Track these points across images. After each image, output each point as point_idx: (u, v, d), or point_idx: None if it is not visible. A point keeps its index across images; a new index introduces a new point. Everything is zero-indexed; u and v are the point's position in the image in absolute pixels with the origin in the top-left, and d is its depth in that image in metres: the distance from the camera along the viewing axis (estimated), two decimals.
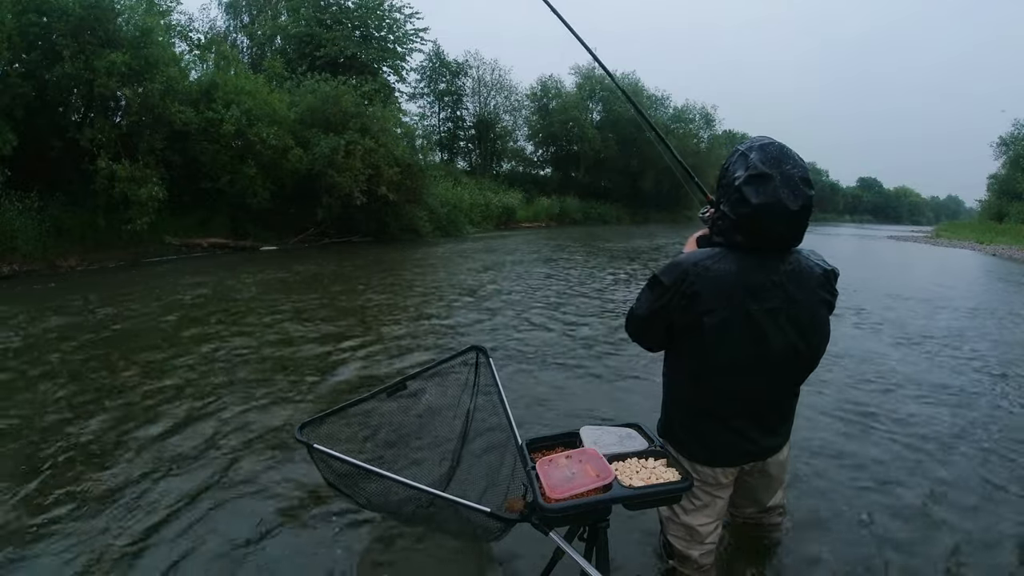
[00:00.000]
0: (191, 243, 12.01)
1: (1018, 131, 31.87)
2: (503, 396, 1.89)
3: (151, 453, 2.78)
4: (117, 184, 10.02)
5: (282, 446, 2.86)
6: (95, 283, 7.99)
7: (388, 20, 22.14)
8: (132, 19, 10.65)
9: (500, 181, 27.64)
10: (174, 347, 4.67)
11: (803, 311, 1.51)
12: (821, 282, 1.54)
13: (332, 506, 2.28)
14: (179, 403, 3.43)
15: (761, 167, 1.43)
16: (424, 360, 4.21)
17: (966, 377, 4.27)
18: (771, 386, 1.58)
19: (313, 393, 3.67)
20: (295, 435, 1.69)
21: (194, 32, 16.70)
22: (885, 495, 2.48)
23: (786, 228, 1.46)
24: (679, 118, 38.05)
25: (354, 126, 14.63)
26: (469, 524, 1.60)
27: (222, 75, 13.33)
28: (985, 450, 2.97)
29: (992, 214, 31.62)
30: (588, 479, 1.38)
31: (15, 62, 9.70)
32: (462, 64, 30.54)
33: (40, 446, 2.82)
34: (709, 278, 1.48)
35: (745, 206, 1.44)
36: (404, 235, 16.03)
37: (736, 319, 1.48)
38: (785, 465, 1.83)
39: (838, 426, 3.21)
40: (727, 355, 1.51)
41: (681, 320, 1.53)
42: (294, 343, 4.88)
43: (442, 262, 11.61)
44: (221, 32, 22.04)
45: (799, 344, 1.52)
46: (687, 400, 1.65)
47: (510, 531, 1.55)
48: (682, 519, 1.71)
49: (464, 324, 5.71)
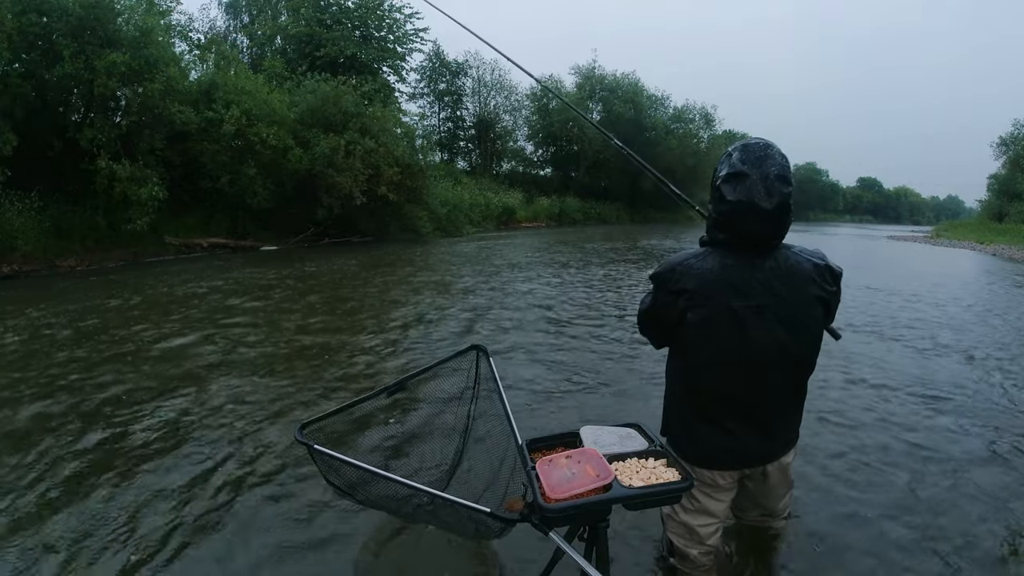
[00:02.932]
0: (191, 243, 12.01)
1: (1018, 131, 31.85)
2: (503, 396, 1.89)
3: (139, 455, 2.78)
4: (117, 184, 10.03)
5: (282, 446, 2.86)
6: (96, 283, 8.00)
7: (388, 20, 22.18)
8: (132, 19, 10.65)
9: (500, 181, 27.67)
10: (172, 347, 4.67)
11: (791, 307, 1.51)
12: (812, 278, 1.52)
13: (332, 505, 2.28)
14: (178, 404, 3.44)
15: (739, 166, 1.46)
16: (424, 360, 4.21)
17: (967, 377, 4.27)
18: (761, 385, 1.56)
19: (313, 393, 3.67)
20: (295, 436, 1.69)
21: (194, 32, 16.78)
22: (887, 496, 2.48)
23: (762, 226, 1.48)
24: (679, 118, 38.03)
25: (354, 126, 14.65)
26: (469, 523, 1.60)
27: (222, 75, 13.35)
28: (986, 450, 2.97)
29: (992, 214, 31.59)
30: (588, 479, 1.38)
31: (15, 62, 9.70)
32: (462, 64, 30.59)
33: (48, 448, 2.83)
34: (693, 275, 1.51)
35: (723, 204, 1.48)
36: (404, 235, 16.04)
37: (720, 315, 1.49)
38: (788, 471, 1.78)
39: (839, 426, 3.22)
40: (712, 352, 1.53)
41: (669, 316, 1.57)
42: (293, 343, 4.88)
43: (442, 262, 11.61)
44: (221, 32, 22.09)
45: (788, 341, 1.51)
46: (681, 399, 1.66)
47: (510, 531, 1.55)
48: (681, 518, 1.71)
49: (464, 323, 5.71)
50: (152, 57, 10.52)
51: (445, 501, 1.54)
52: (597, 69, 34.87)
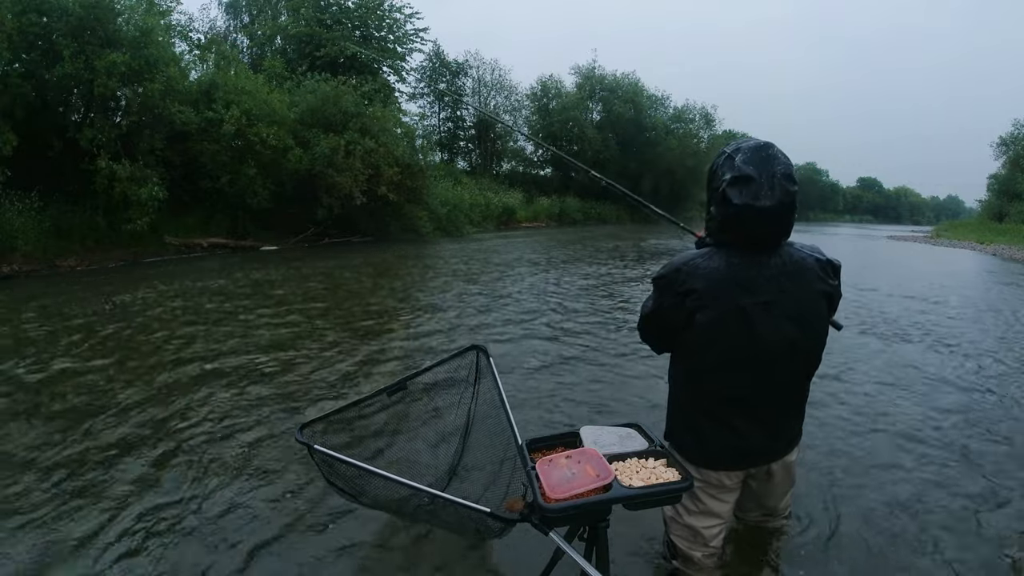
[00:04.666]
0: (191, 243, 12.01)
1: (1018, 131, 31.84)
2: (503, 396, 1.89)
3: (143, 456, 2.78)
4: (117, 184, 10.02)
5: (281, 447, 2.86)
6: (95, 283, 8.00)
7: (388, 20, 22.17)
8: (132, 19, 10.65)
9: (500, 181, 27.64)
10: (169, 347, 4.67)
11: (799, 303, 1.52)
12: (817, 273, 1.55)
13: (332, 505, 2.28)
14: (176, 403, 3.44)
15: (745, 169, 1.46)
16: (424, 360, 4.21)
17: (968, 376, 4.27)
18: (769, 383, 1.57)
19: (313, 393, 3.67)
20: (295, 436, 1.69)
21: (194, 32, 16.76)
22: (889, 496, 2.47)
23: (770, 226, 1.49)
24: (679, 118, 38.01)
25: (354, 126, 14.64)
26: (469, 523, 1.60)
27: (222, 75, 13.35)
28: (988, 450, 2.96)
29: (992, 214, 31.58)
30: (588, 479, 1.38)
31: (15, 62, 9.70)
32: (462, 64, 30.57)
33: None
34: (700, 275, 1.51)
35: (729, 206, 1.48)
36: (404, 235, 16.04)
37: (730, 314, 1.49)
38: (792, 469, 1.80)
39: (842, 426, 3.21)
40: (722, 350, 1.52)
41: (676, 319, 1.56)
42: (293, 343, 4.87)
43: (442, 262, 11.60)
44: (221, 32, 22.08)
45: (797, 337, 1.53)
46: (688, 402, 1.65)
47: (510, 531, 1.55)
48: (686, 520, 1.70)
49: (464, 323, 5.71)
50: (152, 57, 10.52)
51: (445, 501, 1.54)
52: (597, 69, 34.87)
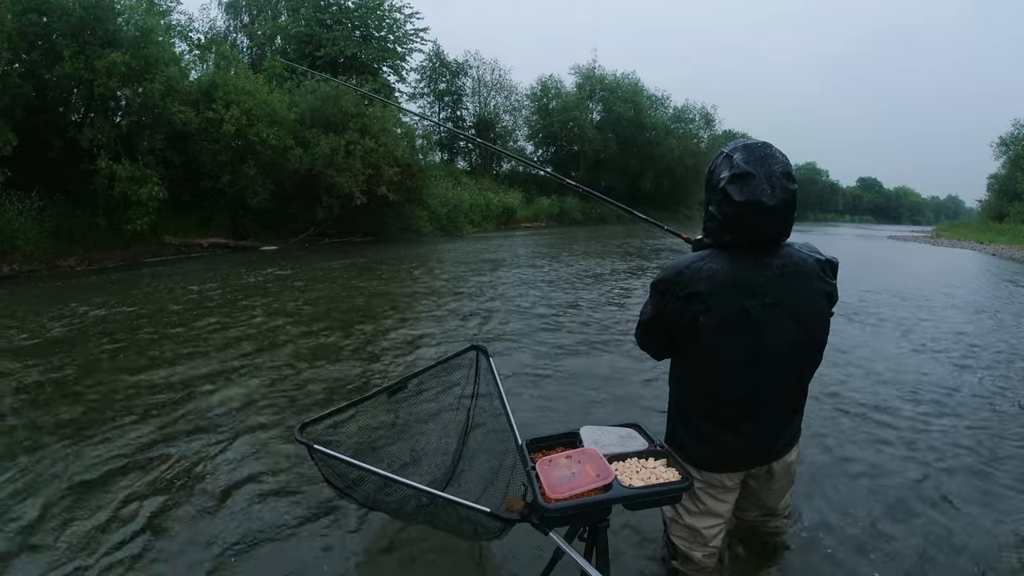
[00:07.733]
0: (191, 243, 12.01)
1: (1018, 131, 31.81)
2: (503, 395, 1.89)
3: (140, 456, 2.78)
4: (117, 184, 10.04)
5: (281, 447, 2.86)
6: (95, 284, 7.99)
7: (388, 20, 22.17)
8: (132, 19, 10.67)
9: (500, 181, 27.65)
10: (167, 348, 4.67)
11: (801, 303, 1.52)
12: (817, 273, 1.55)
13: (332, 505, 2.28)
14: (175, 403, 3.43)
15: (744, 166, 1.46)
16: (424, 360, 4.20)
17: (968, 375, 4.26)
18: (771, 383, 1.57)
19: (313, 394, 3.67)
20: (295, 436, 1.69)
21: (194, 32, 16.76)
22: (889, 496, 2.47)
23: (771, 223, 1.48)
24: (679, 118, 38.06)
25: (354, 126, 14.65)
26: (469, 523, 1.60)
27: (222, 75, 13.36)
28: (988, 450, 2.96)
29: (992, 214, 31.55)
30: (588, 479, 1.37)
31: (15, 62, 9.71)
32: (462, 64, 30.61)
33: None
34: (702, 278, 1.50)
35: (730, 204, 1.47)
36: (404, 235, 16.05)
37: (734, 316, 1.49)
38: (792, 468, 1.80)
39: (841, 426, 3.21)
40: (727, 353, 1.52)
41: (679, 323, 1.55)
42: (293, 343, 4.87)
43: (442, 262, 11.60)
44: (221, 32, 22.08)
45: (800, 337, 1.53)
46: (690, 404, 1.65)
47: (510, 531, 1.55)
48: (686, 521, 1.70)
49: (464, 323, 5.71)
50: (152, 57, 10.53)
51: (445, 501, 1.54)
52: (597, 69, 34.93)
